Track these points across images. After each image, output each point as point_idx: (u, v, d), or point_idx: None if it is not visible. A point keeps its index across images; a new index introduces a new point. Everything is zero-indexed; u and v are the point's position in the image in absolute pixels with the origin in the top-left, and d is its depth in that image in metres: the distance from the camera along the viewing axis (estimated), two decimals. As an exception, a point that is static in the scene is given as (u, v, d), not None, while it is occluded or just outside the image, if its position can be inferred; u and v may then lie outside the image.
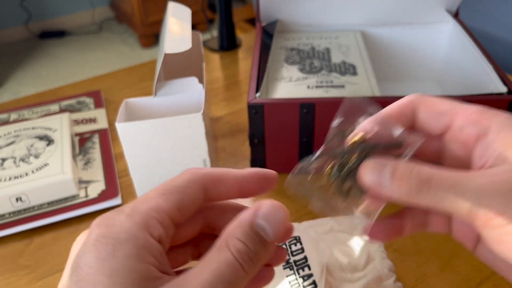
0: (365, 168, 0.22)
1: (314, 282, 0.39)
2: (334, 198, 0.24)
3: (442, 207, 0.20)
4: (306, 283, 0.40)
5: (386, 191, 0.21)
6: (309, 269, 0.40)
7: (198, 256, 0.23)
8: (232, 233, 0.19)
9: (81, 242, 0.20)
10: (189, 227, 0.23)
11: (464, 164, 0.23)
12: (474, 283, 0.44)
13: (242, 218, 0.20)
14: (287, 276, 0.40)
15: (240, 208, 0.24)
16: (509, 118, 0.21)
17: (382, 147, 0.23)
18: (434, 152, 0.25)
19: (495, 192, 0.19)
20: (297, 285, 0.40)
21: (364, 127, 0.24)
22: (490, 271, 0.45)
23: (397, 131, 0.23)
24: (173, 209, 0.20)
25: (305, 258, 0.41)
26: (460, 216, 0.20)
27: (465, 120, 0.22)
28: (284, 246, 0.43)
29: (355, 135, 0.24)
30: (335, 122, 0.26)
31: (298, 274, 0.40)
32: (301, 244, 0.42)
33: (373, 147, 0.23)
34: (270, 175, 0.25)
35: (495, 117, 0.21)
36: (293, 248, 0.42)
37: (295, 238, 0.43)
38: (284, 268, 0.41)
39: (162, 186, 0.21)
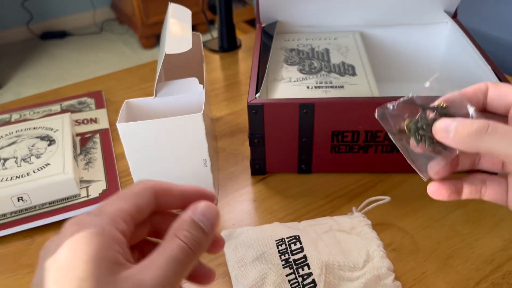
0: (440, 121, 0.29)
1: (313, 281, 0.40)
2: (407, 141, 0.33)
3: (497, 150, 0.26)
4: (305, 282, 0.40)
5: (453, 136, 0.27)
6: (309, 268, 0.41)
7: (140, 258, 0.26)
8: (179, 227, 0.24)
9: (50, 246, 0.23)
10: (140, 229, 0.27)
11: None
12: (473, 282, 0.44)
13: (184, 216, 0.25)
14: (286, 275, 0.40)
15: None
16: None
17: (454, 114, 0.30)
18: None
19: None
20: (297, 283, 0.40)
21: (445, 98, 0.31)
22: (489, 270, 0.45)
23: (469, 108, 0.30)
24: (132, 210, 0.25)
25: (305, 257, 0.42)
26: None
27: None
28: (283, 245, 0.43)
29: (436, 102, 0.32)
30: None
31: (298, 273, 0.41)
32: (300, 243, 0.43)
33: (448, 112, 0.31)
34: (209, 194, 0.29)
35: None
36: (293, 247, 0.43)
37: (295, 237, 0.43)
38: (284, 267, 0.41)
39: (121, 193, 0.26)
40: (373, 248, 0.43)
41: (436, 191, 0.31)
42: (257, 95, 0.53)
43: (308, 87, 0.58)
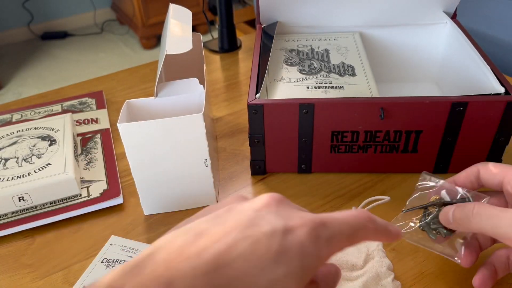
0: (442, 212, 0.37)
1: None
2: (425, 236, 0.40)
3: (484, 230, 0.33)
4: None
5: (452, 223, 0.35)
6: None
7: None
8: None
9: None
10: None
11: None
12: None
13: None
14: None
15: None
16: None
17: (451, 202, 0.38)
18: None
19: None
20: None
21: (439, 189, 0.39)
22: (487, 270, 0.45)
23: (462, 191, 0.38)
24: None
25: None
26: (500, 239, 0.32)
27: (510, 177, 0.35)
28: None
29: (434, 197, 0.39)
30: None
31: None
32: None
33: (445, 202, 0.38)
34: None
35: None
36: None
37: None
38: None
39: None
40: (373, 247, 0.44)
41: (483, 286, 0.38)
42: (257, 95, 0.54)
43: (308, 88, 0.59)
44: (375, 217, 0.26)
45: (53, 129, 0.62)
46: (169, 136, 0.48)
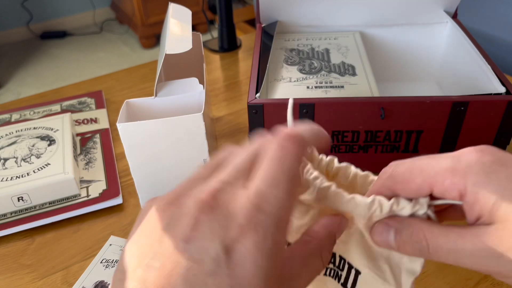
0: (375, 231, 0.24)
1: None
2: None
3: (447, 262, 0.23)
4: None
5: (397, 250, 0.24)
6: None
7: None
8: (325, 248, 0.24)
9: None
10: None
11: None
12: (473, 282, 0.44)
13: (328, 229, 0.24)
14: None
15: None
16: (481, 169, 0.22)
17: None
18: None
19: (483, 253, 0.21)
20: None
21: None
22: (488, 270, 0.45)
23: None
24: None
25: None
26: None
27: (441, 189, 0.22)
28: None
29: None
30: None
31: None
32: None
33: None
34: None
35: (468, 174, 0.22)
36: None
37: None
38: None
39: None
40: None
41: None
42: (257, 95, 0.53)
43: (308, 87, 0.58)
44: (302, 140, 0.21)
45: (52, 129, 0.62)
46: (168, 136, 0.48)
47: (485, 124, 0.52)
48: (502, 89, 0.53)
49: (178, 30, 0.55)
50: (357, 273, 0.27)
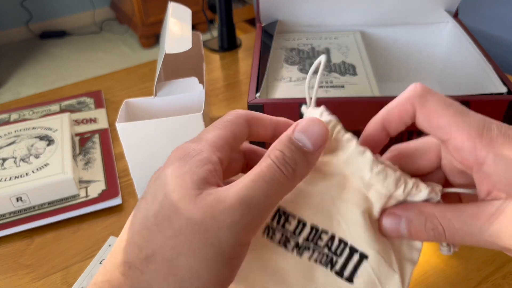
0: (382, 220, 0.24)
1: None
2: None
3: (464, 244, 0.23)
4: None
5: (409, 238, 0.24)
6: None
7: None
8: (273, 147, 0.22)
9: (158, 171, 0.24)
10: (235, 163, 0.27)
11: (468, 180, 0.24)
12: (474, 283, 0.44)
13: (282, 135, 0.23)
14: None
15: None
16: (504, 144, 0.21)
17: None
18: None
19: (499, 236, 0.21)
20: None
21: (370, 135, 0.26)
22: (490, 271, 0.45)
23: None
24: (229, 136, 0.24)
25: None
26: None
27: (461, 144, 0.22)
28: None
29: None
30: None
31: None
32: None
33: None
34: None
35: (492, 145, 0.21)
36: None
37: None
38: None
39: (216, 122, 0.25)
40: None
41: None
42: (257, 94, 0.53)
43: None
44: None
45: (51, 129, 0.62)
46: (168, 136, 0.47)
47: (486, 124, 0.52)
48: (503, 89, 0.53)
49: (177, 30, 0.55)
50: (362, 257, 0.25)
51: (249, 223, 0.20)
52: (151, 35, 2.59)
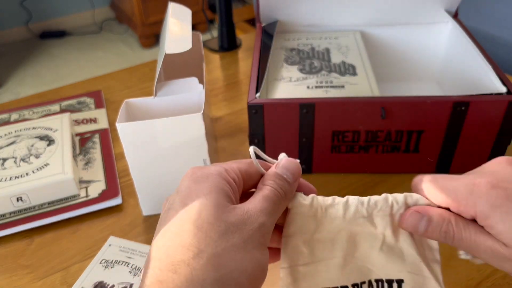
0: (405, 215, 0.29)
1: None
2: None
3: (465, 251, 0.29)
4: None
5: (422, 234, 0.28)
6: None
7: None
8: (265, 179, 0.29)
9: (172, 196, 0.28)
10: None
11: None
12: (474, 283, 0.44)
13: (269, 171, 0.29)
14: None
15: None
16: (488, 202, 0.26)
17: None
18: None
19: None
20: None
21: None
22: (490, 271, 0.45)
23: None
24: (242, 167, 0.29)
25: None
26: None
27: (460, 210, 0.27)
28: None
29: None
30: None
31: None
32: None
33: None
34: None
35: (477, 204, 0.26)
36: None
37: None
38: None
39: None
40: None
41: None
42: (257, 95, 0.53)
43: (308, 87, 0.58)
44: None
45: (51, 129, 0.62)
46: (168, 136, 0.47)
47: (486, 124, 0.52)
48: (503, 89, 0.53)
49: (177, 30, 0.55)
50: (400, 282, 0.29)
51: (270, 224, 0.27)
52: (151, 35, 2.59)
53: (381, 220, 0.29)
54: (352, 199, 0.29)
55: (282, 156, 0.31)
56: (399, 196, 0.29)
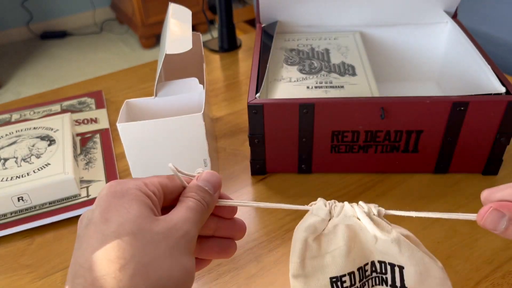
0: (486, 214, 0.28)
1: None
2: None
3: None
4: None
5: (501, 233, 0.28)
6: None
7: None
8: (188, 191, 0.30)
9: (89, 210, 0.27)
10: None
11: None
12: (473, 282, 0.44)
13: (191, 183, 0.31)
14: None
15: None
16: None
17: None
18: None
19: None
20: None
21: None
22: (489, 271, 0.45)
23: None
24: (162, 182, 0.30)
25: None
26: None
27: None
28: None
29: None
30: None
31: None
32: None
33: None
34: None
35: None
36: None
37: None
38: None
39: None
40: None
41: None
42: (257, 95, 0.53)
43: (308, 87, 0.58)
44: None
45: (52, 129, 0.62)
46: (168, 136, 0.48)
47: (485, 124, 0.52)
48: (502, 89, 0.53)
49: (178, 30, 0.55)
50: (401, 268, 0.31)
51: (194, 232, 0.28)
52: (151, 36, 2.59)
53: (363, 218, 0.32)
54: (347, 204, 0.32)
55: (200, 170, 0.32)
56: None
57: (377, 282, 0.33)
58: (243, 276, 0.46)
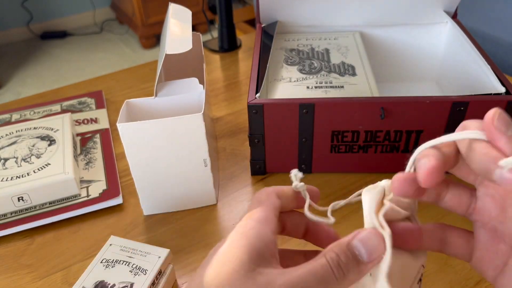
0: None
1: None
2: None
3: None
4: None
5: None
6: None
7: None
8: (330, 248, 0.23)
9: None
10: (293, 228, 0.30)
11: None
12: (473, 282, 0.44)
13: (342, 239, 0.24)
14: None
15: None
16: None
17: None
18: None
19: None
20: None
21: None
22: (488, 270, 0.45)
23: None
24: (270, 209, 0.26)
25: None
26: None
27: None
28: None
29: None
30: None
31: None
32: None
33: None
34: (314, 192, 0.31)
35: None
36: None
37: None
38: None
39: (253, 202, 0.27)
40: None
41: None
42: (257, 95, 0.53)
43: (308, 87, 0.58)
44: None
45: (52, 129, 0.62)
46: (168, 136, 0.48)
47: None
48: (502, 89, 0.53)
49: (178, 30, 0.55)
50: None
51: None
52: (151, 36, 2.59)
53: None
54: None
55: (373, 217, 0.25)
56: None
57: None
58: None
